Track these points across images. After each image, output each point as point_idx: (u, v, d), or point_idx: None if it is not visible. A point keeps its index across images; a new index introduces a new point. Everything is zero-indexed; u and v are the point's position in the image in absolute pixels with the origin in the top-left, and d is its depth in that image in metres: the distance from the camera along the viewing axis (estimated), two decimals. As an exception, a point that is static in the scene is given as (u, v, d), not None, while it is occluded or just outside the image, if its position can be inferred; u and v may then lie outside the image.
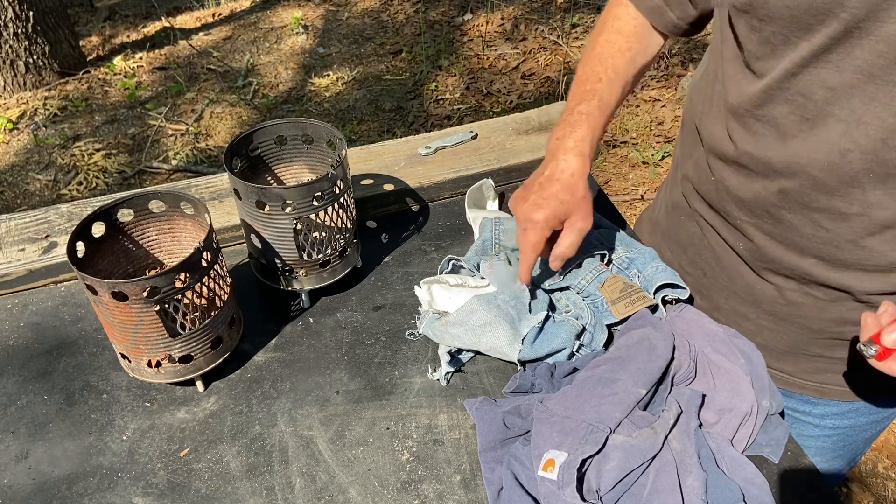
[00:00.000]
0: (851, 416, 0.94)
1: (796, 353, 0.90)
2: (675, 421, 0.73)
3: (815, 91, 0.70)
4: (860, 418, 0.94)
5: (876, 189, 0.70)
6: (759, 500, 0.69)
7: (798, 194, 0.76)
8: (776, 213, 0.80)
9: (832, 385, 0.91)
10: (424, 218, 1.10)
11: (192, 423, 0.81)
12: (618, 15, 0.91)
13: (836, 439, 0.96)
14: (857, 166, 0.70)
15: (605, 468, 0.68)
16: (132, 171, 3.07)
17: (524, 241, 0.82)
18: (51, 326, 0.93)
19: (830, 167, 0.72)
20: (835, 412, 0.93)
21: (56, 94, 3.60)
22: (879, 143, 0.68)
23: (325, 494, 0.73)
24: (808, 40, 0.68)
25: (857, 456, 1.03)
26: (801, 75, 0.70)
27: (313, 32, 4.05)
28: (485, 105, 3.30)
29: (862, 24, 0.63)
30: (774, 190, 0.79)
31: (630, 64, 0.89)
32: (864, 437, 0.98)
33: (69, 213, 1.05)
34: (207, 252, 0.77)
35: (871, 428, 0.96)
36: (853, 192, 0.72)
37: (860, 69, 0.66)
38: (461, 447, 0.77)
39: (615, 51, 0.89)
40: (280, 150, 0.97)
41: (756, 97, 0.76)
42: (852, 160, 0.70)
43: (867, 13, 0.62)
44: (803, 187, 0.75)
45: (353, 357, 0.88)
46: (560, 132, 0.85)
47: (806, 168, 0.74)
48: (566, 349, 0.83)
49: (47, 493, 0.74)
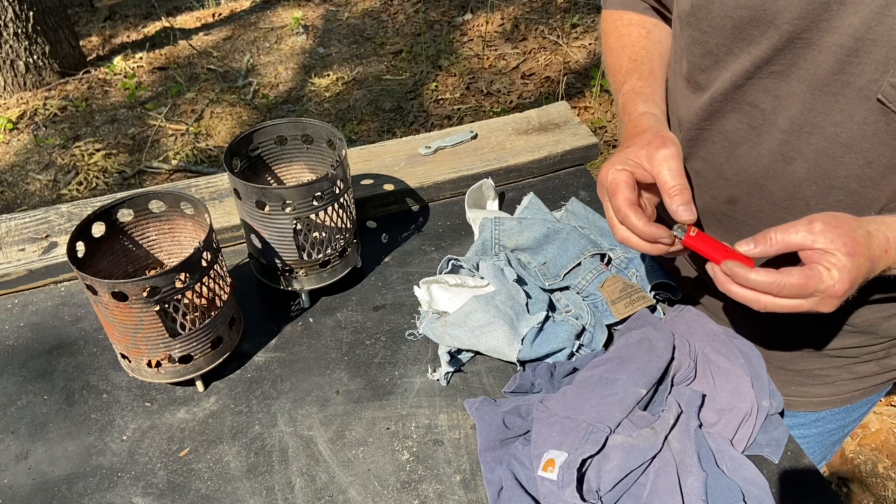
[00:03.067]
0: (818, 425, 0.94)
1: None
2: (675, 421, 0.73)
3: (762, 100, 0.70)
4: (827, 425, 0.94)
5: (819, 204, 0.71)
6: (759, 500, 0.69)
7: (746, 203, 0.77)
8: (726, 223, 0.81)
9: (798, 397, 0.91)
10: (424, 218, 1.10)
11: (192, 423, 0.81)
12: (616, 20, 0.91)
13: (805, 446, 0.96)
14: (801, 175, 0.70)
15: (605, 468, 0.68)
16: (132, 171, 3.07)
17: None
18: (51, 326, 0.93)
19: (775, 174, 0.72)
20: (802, 422, 0.94)
21: (56, 94, 3.60)
22: (821, 153, 0.68)
23: (325, 494, 0.73)
24: (749, 52, 0.68)
25: (825, 459, 1.04)
26: (747, 86, 0.71)
27: (313, 32, 4.05)
28: (485, 105, 3.30)
29: (803, 35, 0.63)
30: (724, 199, 0.79)
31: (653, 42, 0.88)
32: (830, 442, 0.99)
33: (69, 213, 1.05)
34: (207, 252, 0.77)
35: (837, 433, 0.97)
36: (797, 205, 0.72)
37: (803, 78, 0.66)
38: (461, 447, 0.77)
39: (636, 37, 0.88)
40: (280, 150, 0.97)
41: (703, 109, 0.76)
42: (796, 168, 0.70)
43: (808, 23, 0.62)
44: (751, 196, 0.76)
45: (353, 357, 0.88)
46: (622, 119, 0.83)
47: (753, 175, 0.74)
48: (566, 349, 0.83)
49: (47, 493, 0.74)
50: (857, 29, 0.60)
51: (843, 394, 0.90)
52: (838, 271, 0.60)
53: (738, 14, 0.67)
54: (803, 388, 0.90)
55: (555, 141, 1.18)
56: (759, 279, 0.61)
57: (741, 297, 0.64)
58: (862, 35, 0.60)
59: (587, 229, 0.98)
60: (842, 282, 0.60)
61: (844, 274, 0.60)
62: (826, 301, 0.61)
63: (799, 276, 0.60)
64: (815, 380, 0.89)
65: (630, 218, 0.68)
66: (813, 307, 0.62)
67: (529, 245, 0.94)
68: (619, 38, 0.89)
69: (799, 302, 0.62)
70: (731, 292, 0.65)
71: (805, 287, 0.60)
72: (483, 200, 1.09)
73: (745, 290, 0.64)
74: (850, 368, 0.87)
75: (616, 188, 0.70)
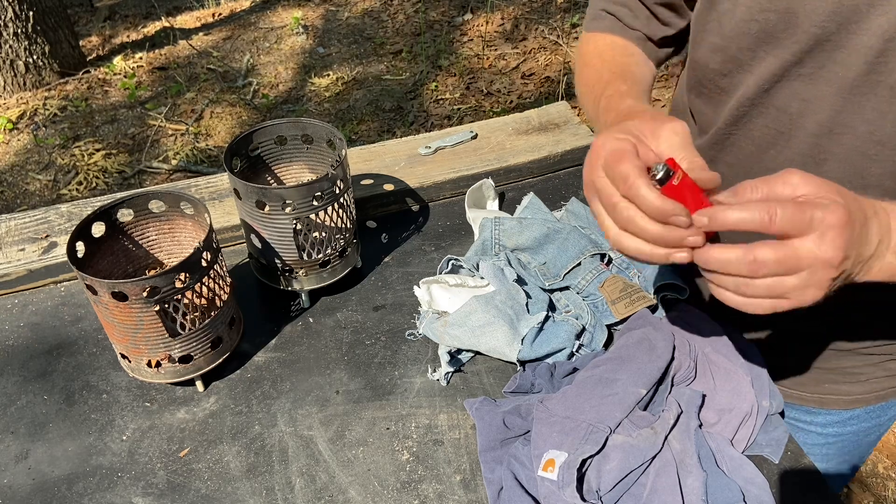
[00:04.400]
0: (853, 423, 0.94)
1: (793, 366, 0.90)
2: (675, 421, 0.73)
3: (790, 104, 0.69)
4: (862, 424, 0.94)
5: None
6: (759, 500, 0.69)
7: None
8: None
9: (831, 395, 0.91)
10: (424, 218, 1.10)
11: (192, 424, 0.81)
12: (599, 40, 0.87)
13: (840, 446, 0.96)
14: (833, 175, 0.69)
15: (605, 468, 0.68)
16: (132, 171, 3.07)
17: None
18: (51, 326, 0.93)
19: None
20: (836, 420, 0.93)
21: (56, 94, 3.60)
22: (856, 153, 0.67)
23: (324, 494, 0.73)
24: (775, 55, 0.67)
25: (863, 457, 1.03)
26: (774, 90, 0.70)
27: (313, 32, 4.05)
28: (485, 105, 3.30)
29: (832, 38, 0.63)
30: None
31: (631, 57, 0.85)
32: (868, 441, 0.98)
33: (69, 213, 1.05)
34: (207, 252, 0.77)
35: (874, 431, 0.96)
36: None
37: (832, 81, 0.65)
38: (461, 447, 0.77)
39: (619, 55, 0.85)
40: (280, 150, 0.97)
41: (730, 114, 0.75)
42: (829, 169, 0.70)
43: (836, 26, 0.62)
44: None
45: (353, 357, 0.88)
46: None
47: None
48: (566, 349, 0.83)
49: (47, 493, 0.74)
50: (885, 30, 0.60)
51: (877, 391, 0.89)
52: (833, 215, 0.51)
53: (765, 17, 0.66)
54: (836, 386, 0.89)
55: (555, 141, 1.18)
56: (741, 215, 0.51)
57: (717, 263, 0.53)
58: (892, 35, 0.60)
59: (587, 229, 0.98)
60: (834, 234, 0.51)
61: (839, 217, 0.51)
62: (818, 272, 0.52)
63: (793, 207, 0.51)
64: (848, 377, 0.88)
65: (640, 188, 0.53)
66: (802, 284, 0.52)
67: (529, 245, 0.94)
68: (599, 55, 0.85)
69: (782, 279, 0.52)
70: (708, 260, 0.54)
71: (800, 221, 0.51)
72: (483, 200, 1.09)
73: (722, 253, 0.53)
74: (885, 366, 0.86)
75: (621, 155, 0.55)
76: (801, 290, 0.53)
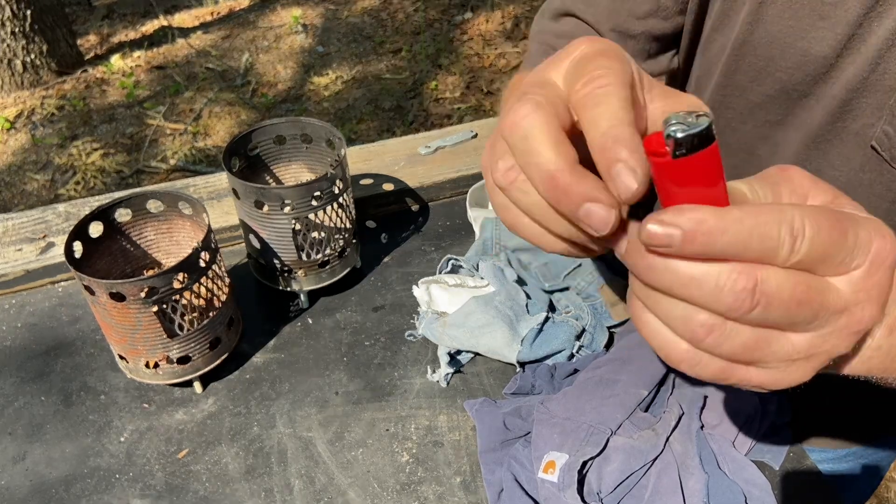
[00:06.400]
0: (849, 460, 0.91)
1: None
2: (677, 422, 0.72)
3: (758, 146, 0.69)
4: (858, 461, 0.92)
5: None
6: (760, 502, 0.69)
7: None
8: None
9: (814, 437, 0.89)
10: (424, 218, 1.09)
11: (191, 425, 0.80)
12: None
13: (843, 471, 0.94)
14: None
15: (606, 470, 0.68)
16: (130, 170, 3.07)
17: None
18: (48, 327, 0.92)
19: None
20: (831, 457, 0.91)
21: (54, 93, 3.59)
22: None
23: (324, 496, 0.73)
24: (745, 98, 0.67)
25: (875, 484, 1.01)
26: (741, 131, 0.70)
27: (312, 31, 4.05)
28: (485, 104, 3.29)
29: (798, 87, 0.63)
30: None
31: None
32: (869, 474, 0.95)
33: (67, 213, 1.05)
34: (206, 252, 0.77)
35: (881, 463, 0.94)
36: None
37: (798, 127, 0.65)
38: (461, 449, 0.77)
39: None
40: (279, 149, 0.96)
41: None
42: None
43: (803, 76, 0.62)
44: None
45: (353, 358, 0.87)
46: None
47: None
48: (566, 350, 0.83)
49: (44, 495, 0.73)
50: (850, 80, 0.60)
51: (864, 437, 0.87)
52: (882, 241, 0.31)
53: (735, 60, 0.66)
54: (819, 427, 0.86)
55: (555, 140, 1.18)
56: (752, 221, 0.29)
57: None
58: (854, 86, 0.59)
59: (588, 229, 0.97)
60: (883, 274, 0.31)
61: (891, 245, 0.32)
62: (840, 332, 0.32)
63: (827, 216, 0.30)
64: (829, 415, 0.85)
65: (547, 150, 0.33)
66: (804, 350, 0.32)
67: (530, 245, 0.94)
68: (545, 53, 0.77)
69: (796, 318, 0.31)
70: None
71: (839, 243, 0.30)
72: (485, 200, 1.09)
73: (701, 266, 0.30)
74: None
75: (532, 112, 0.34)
76: (795, 360, 0.32)
